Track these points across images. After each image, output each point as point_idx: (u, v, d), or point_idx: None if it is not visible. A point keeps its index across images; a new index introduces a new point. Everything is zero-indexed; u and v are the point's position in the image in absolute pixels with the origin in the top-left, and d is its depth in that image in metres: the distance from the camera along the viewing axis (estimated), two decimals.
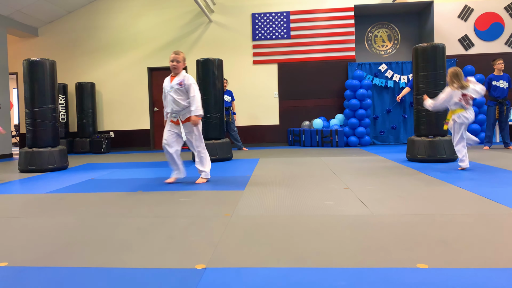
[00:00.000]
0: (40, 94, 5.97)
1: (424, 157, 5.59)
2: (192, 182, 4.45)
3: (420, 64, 5.83)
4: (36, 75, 5.97)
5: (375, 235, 2.28)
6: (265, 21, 9.90)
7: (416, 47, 5.97)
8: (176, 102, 4.20)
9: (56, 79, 6.24)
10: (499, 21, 9.44)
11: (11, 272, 1.87)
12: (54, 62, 6.23)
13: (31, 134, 5.98)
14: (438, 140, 5.59)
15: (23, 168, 5.89)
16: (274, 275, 1.74)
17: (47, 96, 6.02)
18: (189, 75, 4.26)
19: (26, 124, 6.04)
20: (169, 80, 4.30)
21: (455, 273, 1.70)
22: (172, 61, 4.21)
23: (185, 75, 4.25)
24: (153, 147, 10.33)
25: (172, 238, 2.34)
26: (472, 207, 2.91)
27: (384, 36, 10.33)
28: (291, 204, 3.15)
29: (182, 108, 4.22)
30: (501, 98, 7.17)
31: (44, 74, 6.01)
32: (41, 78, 5.99)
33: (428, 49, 5.80)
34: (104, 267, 1.90)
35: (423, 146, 5.63)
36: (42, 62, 6.02)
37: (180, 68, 4.26)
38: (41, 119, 5.97)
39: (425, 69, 5.77)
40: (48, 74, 6.04)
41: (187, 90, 4.19)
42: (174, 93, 4.20)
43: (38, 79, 5.97)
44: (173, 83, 4.22)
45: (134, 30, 10.18)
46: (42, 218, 2.97)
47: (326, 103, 9.82)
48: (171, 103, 4.23)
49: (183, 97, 4.20)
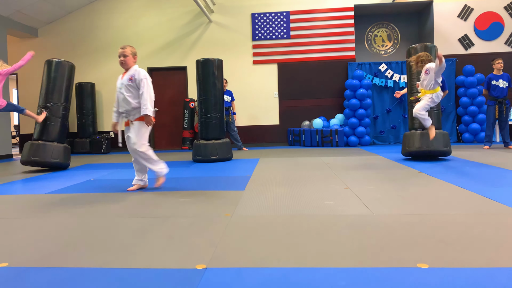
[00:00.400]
0: (56, 91, 6.12)
1: (417, 149, 5.63)
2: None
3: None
4: (56, 74, 6.14)
5: (375, 234, 2.28)
6: (265, 21, 9.90)
7: (409, 48, 6.05)
8: (125, 101, 3.83)
9: (73, 82, 6.46)
10: (499, 21, 9.44)
11: (12, 273, 1.87)
12: (73, 66, 6.43)
13: (39, 127, 6.03)
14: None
15: (26, 159, 5.84)
16: (275, 275, 1.75)
17: (61, 94, 6.18)
18: (141, 70, 3.89)
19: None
20: (120, 77, 3.95)
21: (455, 273, 1.70)
22: (119, 56, 3.87)
23: (136, 69, 3.88)
24: (153, 147, 10.31)
25: (172, 238, 2.34)
26: (472, 206, 2.91)
27: (384, 35, 10.33)
28: (291, 204, 3.15)
29: (132, 107, 3.83)
30: (500, 98, 7.18)
31: (64, 74, 6.23)
32: (60, 77, 6.18)
33: (420, 49, 5.83)
34: (105, 268, 1.91)
35: (417, 138, 5.69)
36: (63, 63, 6.25)
37: (130, 62, 3.88)
38: (52, 115, 6.05)
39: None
40: (66, 75, 6.26)
41: (138, 86, 3.81)
42: (124, 90, 3.84)
43: (57, 77, 6.15)
44: (123, 79, 3.88)
45: (134, 30, 10.18)
46: (42, 218, 2.97)
47: (326, 103, 9.82)
48: (121, 102, 3.88)
49: (134, 95, 3.83)
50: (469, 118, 8.97)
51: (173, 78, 10.31)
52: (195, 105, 9.82)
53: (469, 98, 8.98)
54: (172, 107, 10.32)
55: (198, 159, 6.59)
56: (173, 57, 10.12)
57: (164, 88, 10.32)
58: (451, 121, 9.35)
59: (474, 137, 8.95)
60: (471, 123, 8.98)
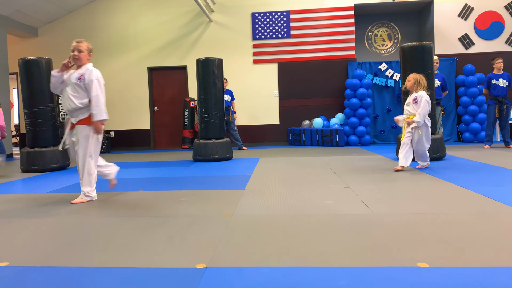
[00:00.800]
0: (38, 93, 5.94)
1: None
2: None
3: (407, 64, 5.79)
4: (32, 75, 5.93)
5: (375, 234, 2.28)
6: (265, 21, 9.89)
7: (402, 46, 5.91)
8: (69, 100, 3.47)
9: None
10: (499, 20, 9.43)
11: (12, 272, 1.87)
12: (50, 60, 6.17)
13: (31, 134, 5.98)
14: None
15: (26, 168, 5.90)
16: (275, 274, 1.75)
17: (45, 95, 5.97)
18: (94, 69, 3.54)
19: (26, 124, 6.02)
20: (71, 72, 3.61)
21: (455, 272, 1.70)
22: (73, 50, 3.48)
23: (88, 68, 3.53)
24: (154, 147, 10.33)
25: (172, 237, 2.34)
26: (472, 206, 2.91)
27: (384, 35, 10.32)
28: (292, 204, 3.15)
29: (74, 108, 3.46)
30: (501, 97, 7.18)
31: (41, 73, 5.96)
32: (37, 77, 5.94)
33: (415, 48, 5.75)
34: (105, 267, 1.91)
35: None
36: (38, 60, 5.98)
37: (84, 59, 3.53)
38: (40, 119, 5.96)
39: (413, 69, 5.73)
40: (44, 73, 5.97)
41: (87, 87, 3.44)
42: (70, 88, 3.48)
43: (34, 78, 5.94)
44: (72, 76, 3.52)
45: (134, 30, 10.18)
46: (42, 218, 2.97)
47: (326, 102, 9.82)
48: (65, 100, 3.53)
49: (78, 95, 3.45)
50: (469, 118, 8.96)
51: (173, 78, 10.31)
52: (195, 105, 9.83)
53: (470, 98, 8.97)
54: (172, 107, 10.32)
55: (198, 158, 6.59)
56: (173, 56, 10.11)
57: (164, 88, 10.32)
58: (451, 120, 9.34)
59: (474, 136, 8.94)
60: (471, 122, 8.96)
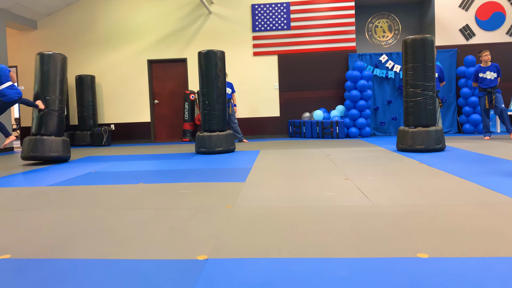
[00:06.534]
0: (50, 84, 6.12)
1: (409, 147, 5.71)
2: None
3: (409, 56, 5.83)
4: (48, 67, 6.12)
5: (375, 225, 2.29)
6: (265, 12, 9.84)
7: (405, 39, 5.95)
8: None
9: (65, 74, 6.41)
10: (501, 11, 9.37)
11: (14, 264, 1.88)
12: (65, 57, 6.37)
13: (37, 121, 6.06)
14: (424, 131, 5.66)
15: (26, 155, 5.90)
16: (275, 265, 1.76)
17: (56, 87, 6.18)
18: None
19: (33, 112, 6.17)
20: None
21: (455, 262, 1.71)
22: None
23: None
24: (154, 140, 10.34)
25: (173, 229, 2.36)
26: (472, 196, 2.92)
27: (384, 26, 10.27)
28: (292, 195, 3.16)
29: None
30: (489, 88, 7.25)
31: (56, 66, 6.19)
32: (53, 69, 6.15)
33: (417, 41, 5.77)
34: (106, 259, 1.92)
35: (409, 136, 5.72)
36: (55, 55, 6.20)
37: None
38: (48, 108, 6.07)
39: (414, 61, 5.78)
40: (59, 68, 6.22)
41: None
42: None
43: (49, 70, 6.12)
44: None
45: (133, 22, 10.13)
46: (44, 210, 2.98)
47: (326, 95, 9.80)
48: None
49: None
50: (470, 109, 8.94)
51: (173, 70, 10.28)
52: (196, 97, 9.81)
53: (470, 89, 8.95)
54: (172, 99, 10.31)
55: (202, 151, 6.59)
56: (173, 49, 10.07)
57: (164, 80, 10.30)
58: (451, 112, 9.33)
59: (474, 128, 8.94)
60: (471, 114, 8.95)
